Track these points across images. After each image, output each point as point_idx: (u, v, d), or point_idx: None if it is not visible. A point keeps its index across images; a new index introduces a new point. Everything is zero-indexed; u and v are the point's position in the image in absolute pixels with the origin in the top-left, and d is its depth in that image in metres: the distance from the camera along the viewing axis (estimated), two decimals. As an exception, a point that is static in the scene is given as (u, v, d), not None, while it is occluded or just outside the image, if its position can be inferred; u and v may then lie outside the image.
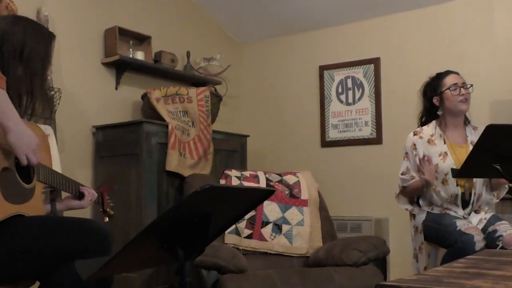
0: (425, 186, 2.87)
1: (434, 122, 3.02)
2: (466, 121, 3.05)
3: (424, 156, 2.86)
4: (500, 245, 2.62)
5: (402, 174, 2.99)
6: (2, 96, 1.69)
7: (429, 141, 2.96)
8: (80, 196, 2.22)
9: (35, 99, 1.99)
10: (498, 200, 3.01)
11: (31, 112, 2.02)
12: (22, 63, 1.96)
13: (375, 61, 4.33)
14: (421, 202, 2.98)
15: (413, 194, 3.01)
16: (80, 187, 2.22)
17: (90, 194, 2.23)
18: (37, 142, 1.80)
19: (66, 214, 2.54)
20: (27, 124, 1.94)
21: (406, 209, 3.05)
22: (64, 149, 3.40)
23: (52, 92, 3.26)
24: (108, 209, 2.35)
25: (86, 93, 3.65)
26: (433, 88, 3.02)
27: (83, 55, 3.66)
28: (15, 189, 1.82)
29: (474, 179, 2.87)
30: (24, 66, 1.96)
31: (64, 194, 2.33)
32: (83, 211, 3.44)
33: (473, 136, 2.95)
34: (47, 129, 2.88)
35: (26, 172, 1.89)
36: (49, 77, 2.46)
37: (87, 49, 3.69)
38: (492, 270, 1.39)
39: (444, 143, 2.94)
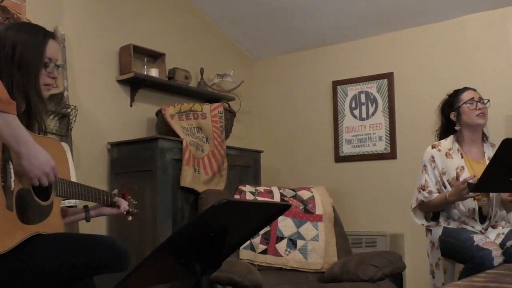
0: (460, 197, 2.74)
1: (452, 136, 3.02)
2: (484, 137, 3.04)
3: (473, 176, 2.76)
4: (519, 260, 2.59)
5: (421, 188, 2.95)
6: (13, 121, 1.66)
7: (446, 155, 2.95)
8: (111, 204, 2.24)
9: (30, 101, 1.92)
10: None
11: (39, 127, 1.98)
12: (15, 66, 1.89)
13: (389, 76, 4.33)
14: (440, 215, 2.94)
15: (432, 210, 2.98)
16: (116, 198, 2.25)
17: (123, 205, 2.27)
18: (51, 164, 1.78)
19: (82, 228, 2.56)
20: (43, 139, 1.93)
21: (422, 225, 3.02)
22: (79, 165, 3.43)
23: (69, 110, 3.31)
24: (131, 209, 2.36)
25: (101, 110, 3.69)
26: (450, 104, 3.04)
27: (98, 73, 3.70)
28: (32, 208, 1.82)
29: (491, 194, 2.84)
30: (17, 68, 1.90)
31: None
32: (100, 222, 3.48)
33: (491, 152, 2.93)
34: (63, 146, 2.89)
35: (43, 188, 1.88)
36: (60, 84, 2.42)
37: (102, 66, 3.73)
38: (512, 284, 1.37)
39: (462, 157, 2.93)
